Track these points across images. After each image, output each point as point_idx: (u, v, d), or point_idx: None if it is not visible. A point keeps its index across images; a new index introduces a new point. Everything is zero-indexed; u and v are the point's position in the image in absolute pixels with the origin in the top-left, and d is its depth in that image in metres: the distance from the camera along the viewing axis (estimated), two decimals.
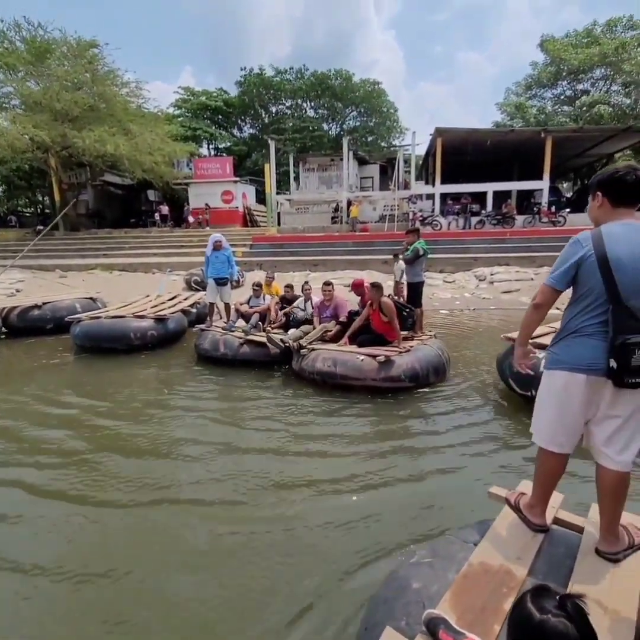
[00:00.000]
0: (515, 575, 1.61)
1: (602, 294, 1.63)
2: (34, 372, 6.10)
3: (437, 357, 5.01)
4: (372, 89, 35.83)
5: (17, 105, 19.31)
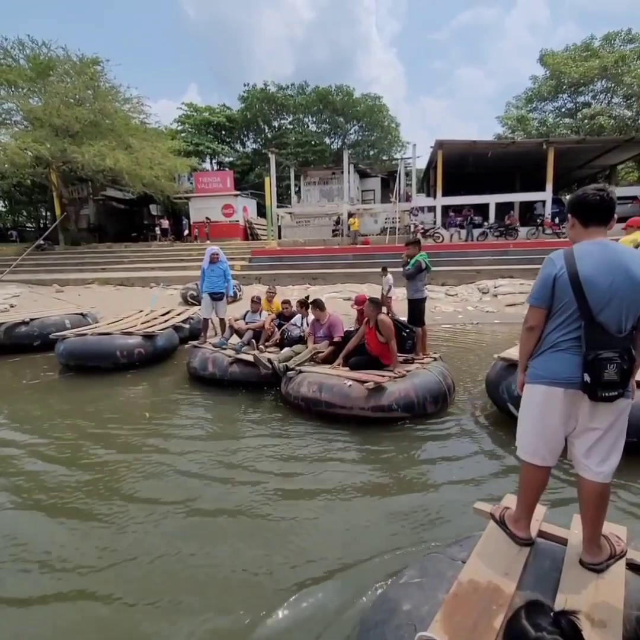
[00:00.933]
0: (504, 591, 1.62)
1: (575, 310, 1.70)
2: (9, 394, 5.80)
3: (436, 383, 4.50)
4: (373, 103, 36.06)
5: (19, 121, 19.43)
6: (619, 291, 1.65)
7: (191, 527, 2.76)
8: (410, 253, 5.36)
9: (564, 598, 1.58)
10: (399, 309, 10.76)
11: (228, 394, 5.31)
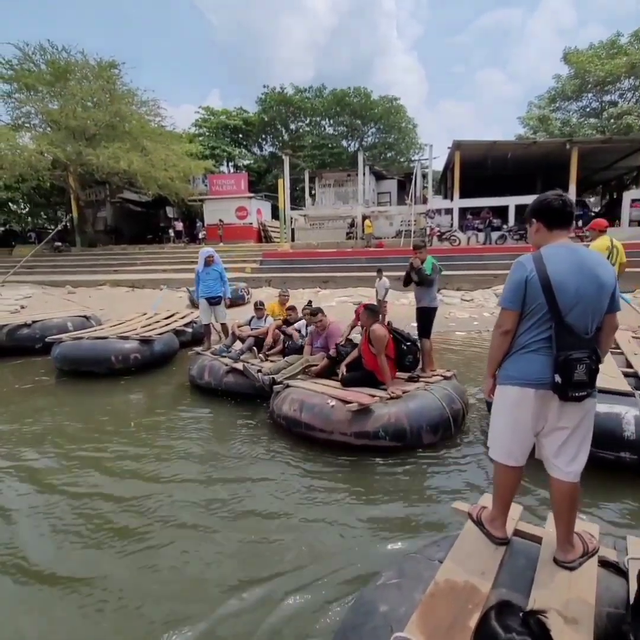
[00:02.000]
0: (480, 590, 1.63)
1: (545, 312, 1.73)
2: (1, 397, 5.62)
3: (437, 409, 3.78)
4: (391, 105, 35.62)
5: (37, 124, 19.71)
6: (585, 294, 1.71)
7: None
8: (422, 257, 4.77)
9: (537, 596, 1.60)
10: (401, 315, 10.35)
11: (219, 406, 4.99)
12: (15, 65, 18.77)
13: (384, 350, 3.92)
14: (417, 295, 4.89)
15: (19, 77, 18.35)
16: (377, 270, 9.86)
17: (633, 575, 1.64)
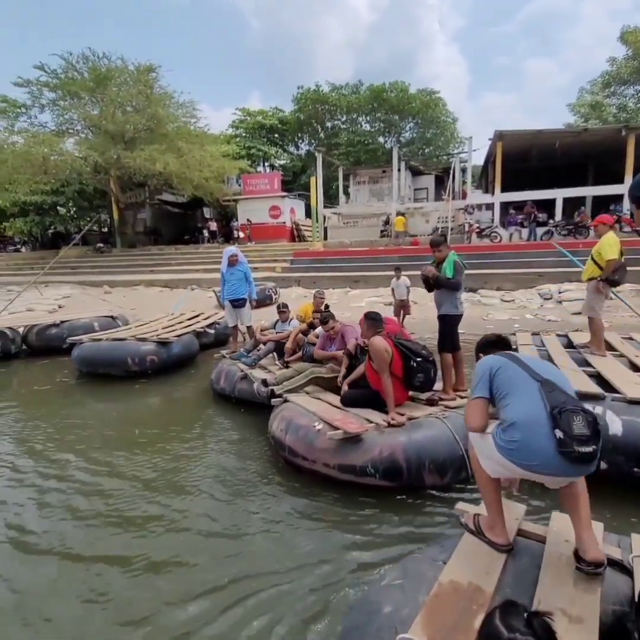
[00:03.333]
0: (485, 591, 1.63)
1: (525, 378, 1.87)
2: (14, 399, 5.60)
3: (447, 444, 3.04)
4: (429, 98, 34.47)
5: (80, 130, 20.45)
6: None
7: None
8: (442, 256, 4.00)
9: (541, 596, 1.60)
10: (423, 316, 9.70)
11: (229, 415, 4.70)
12: (60, 74, 19.53)
13: (387, 367, 3.30)
14: (437, 299, 4.09)
15: (63, 85, 19.08)
16: (395, 268, 9.29)
17: (638, 573, 1.67)
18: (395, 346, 3.40)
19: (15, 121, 19.45)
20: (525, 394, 1.80)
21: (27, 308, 13.07)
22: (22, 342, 8.26)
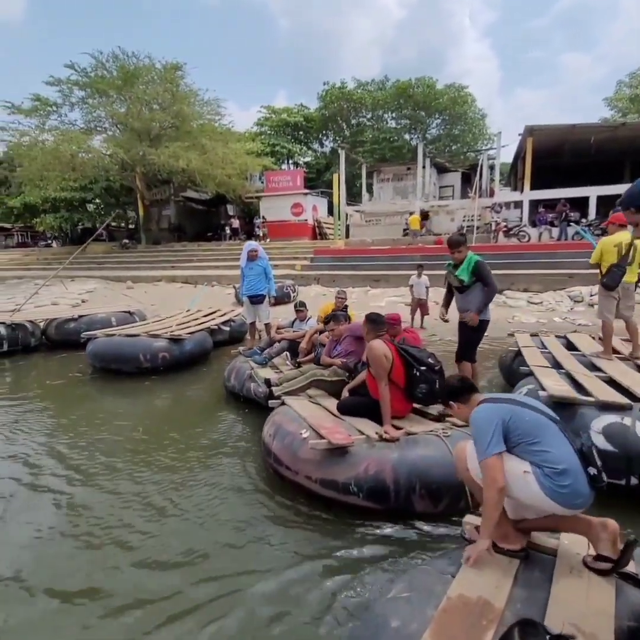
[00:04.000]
0: (494, 605, 1.58)
1: (544, 420, 1.89)
2: (24, 391, 5.60)
3: (444, 466, 2.58)
4: (457, 94, 33.63)
5: (107, 127, 20.81)
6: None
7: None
8: (461, 257, 3.63)
9: (553, 610, 1.56)
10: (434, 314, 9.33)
11: (231, 416, 4.54)
12: (90, 73, 19.90)
13: (385, 374, 2.99)
14: (465, 304, 3.71)
15: (92, 83, 19.44)
16: (418, 265, 9.04)
17: None
18: (398, 352, 3.07)
19: (47, 119, 19.94)
20: (555, 437, 1.83)
21: (52, 302, 13.36)
22: (41, 335, 8.38)
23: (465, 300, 3.64)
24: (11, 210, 27.02)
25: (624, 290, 4.26)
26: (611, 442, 2.84)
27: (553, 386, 3.29)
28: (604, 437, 2.85)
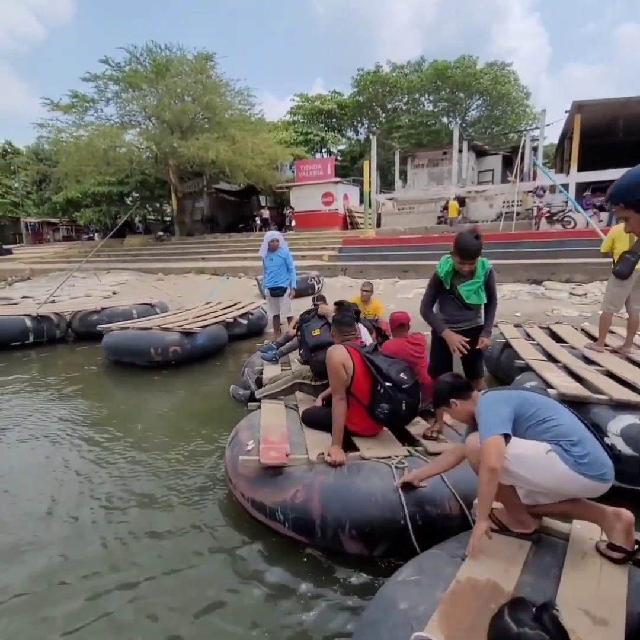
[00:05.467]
0: (504, 589, 1.58)
1: (552, 401, 1.95)
2: (36, 384, 5.63)
3: (384, 506, 2.18)
4: (499, 73, 31.76)
5: (140, 121, 21.11)
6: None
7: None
8: (473, 268, 2.77)
9: (564, 595, 1.54)
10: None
11: (229, 415, 4.30)
12: (124, 67, 20.20)
13: (341, 387, 2.55)
14: (458, 317, 2.97)
15: (125, 77, 19.72)
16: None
17: None
18: (363, 362, 2.60)
19: (84, 115, 20.47)
20: (564, 414, 1.83)
21: (85, 294, 13.74)
22: (67, 327, 8.53)
23: (468, 315, 2.88)
24: (55, 205, 28.21)
25: (638, 279, 4.00)
26: (631, 445, 2.62)
27: (562, 384, 3.04)
28: (622, 440, 2.65)
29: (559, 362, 3.69)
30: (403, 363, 2.79)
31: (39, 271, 20.71)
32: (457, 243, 2.62)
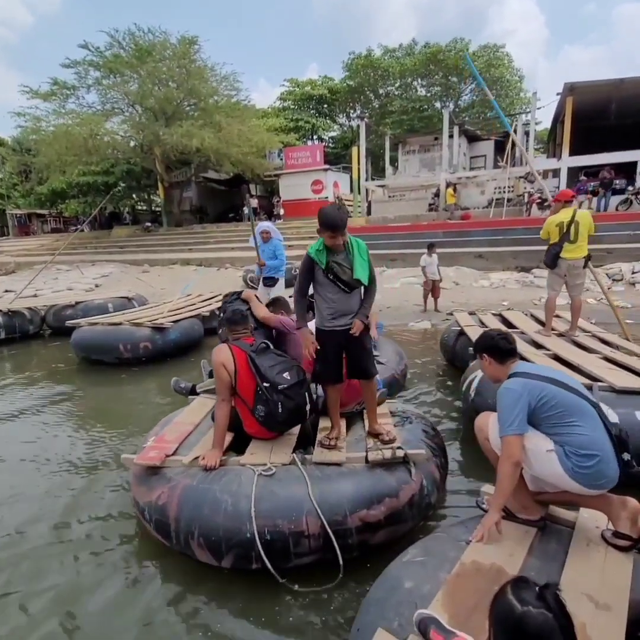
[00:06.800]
0: (508, 572, 1.60)
1: (580, 402, 1.84)
2: None
3: (232, 515, 2.06)
4: (492, 55, 31.15)
5: (124, 108, 20.50)
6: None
7: None
8: (343, 241, 2.43)
9: (567, 580, 1.56)
10: (479, 301, 8.53)
11: None
12: (104, 52, 19.54)
13: (223, 389, 2.45)
14: (339, 306, 2.53)
15: (106, 63, 19.09)
16: (429, 245, 8.61)
17: None
18: (247, 361, 2.47)
19: (65, 103, 19.85)
20: (589, 420, 1.80)
21: (67, 287, 13.43)
22: (41, 322, 8.26)
23: (348, 304, 2.50)
24: (40, 197, 27.61)
25: (570, 268, 4.32)
26: None
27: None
28: None
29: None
30: (293, 363, 2.63)
31: (24, 264, 20.30)
32: (323, 218, 2.38)
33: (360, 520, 2.08)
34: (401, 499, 2.19)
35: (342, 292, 2.44)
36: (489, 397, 3.18)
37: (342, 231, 2.38)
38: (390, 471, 2.27)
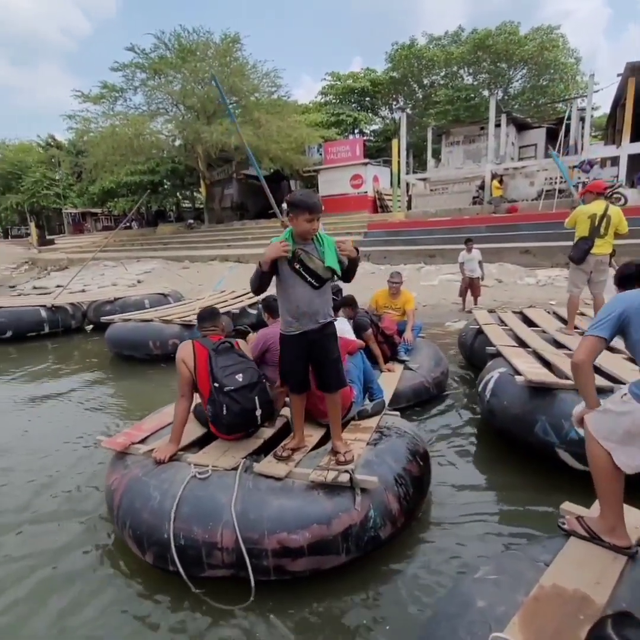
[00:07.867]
0: (594, 601, 1.45)
1: None
2: (35, 374, 5.61)
3: (155, 511, 2.07)
4: (545, 37, 29.27)
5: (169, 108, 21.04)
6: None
7: None
8: (318, 227, 2.18)
9: None
10: (524, 300, 7.99)
11: None
12: (150, 54, 20.12)
13: (185, 385, 2.48)
14: (307, 306, 2.26)
15: (152, 64, 19.65)
16: (466, 240, 8.10)
17: None
18: (207, 357, 2.44)
19: (114, 105, 20.67)
20: None
21: (112, 283, 14.00)
22: (83, 317, 8.59)
23: (314, 303, 2.23)
24: (93, 196, 29.03)
25: (598, 264, 4.21)
26: None
27: (529, 370, 3.03)
28: None
29: (529, 347, 3.71)
30: (249, 364, 2.53)
31: (76, 260, 21.44)
32: (299, 198, 2.14)
33: (279, 543, 1.91)
34: (333, 527, 1.96)
35: (309, 287, 2.17)
36: (504, 399, 3.02)
37: (319, 215, 2.16)
38: (329, 495, 2.05)
